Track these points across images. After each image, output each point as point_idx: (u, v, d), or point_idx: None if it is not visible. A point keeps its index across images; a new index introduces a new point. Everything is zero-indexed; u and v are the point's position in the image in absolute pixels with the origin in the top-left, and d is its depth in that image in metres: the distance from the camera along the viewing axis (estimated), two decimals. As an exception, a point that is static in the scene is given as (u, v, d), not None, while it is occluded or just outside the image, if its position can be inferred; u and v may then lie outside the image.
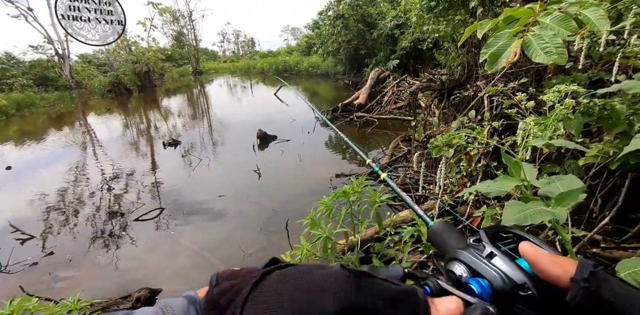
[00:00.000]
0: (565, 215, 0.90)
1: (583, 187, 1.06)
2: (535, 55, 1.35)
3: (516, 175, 1.08)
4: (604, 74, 2.27)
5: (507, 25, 1.58)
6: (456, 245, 0.42)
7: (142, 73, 20.45)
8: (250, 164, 5.28)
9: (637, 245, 2.05)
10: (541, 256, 0.34)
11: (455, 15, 3.85)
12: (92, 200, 4.60)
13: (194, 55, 32.97)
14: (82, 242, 3.54)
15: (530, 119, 1.31)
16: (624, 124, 1.60)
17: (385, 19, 12.65)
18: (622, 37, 1.98)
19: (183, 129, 8.96)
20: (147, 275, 2.93)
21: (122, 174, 5.57)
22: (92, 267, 3.11)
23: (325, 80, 18.78)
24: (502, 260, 0.35)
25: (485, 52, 1.50)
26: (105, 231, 3.74)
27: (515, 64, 3.24)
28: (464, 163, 2.09)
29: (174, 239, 3.48)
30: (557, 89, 1.41)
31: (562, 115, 1.39)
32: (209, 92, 19.71)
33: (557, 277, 0.32)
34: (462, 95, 3.26)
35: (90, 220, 4.02)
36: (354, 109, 7.83)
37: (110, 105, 14.45)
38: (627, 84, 1.28)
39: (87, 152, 7.27)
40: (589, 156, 1.89)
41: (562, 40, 1.37)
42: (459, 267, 0.38)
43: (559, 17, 1.44)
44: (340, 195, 1.47)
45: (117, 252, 3.33)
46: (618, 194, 2.08)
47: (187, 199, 4.40)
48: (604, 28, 1.44)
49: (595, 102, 1.61)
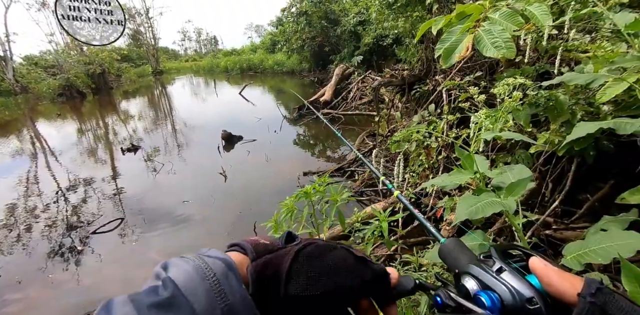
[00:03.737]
0: (514, 205, 0.92)
1: (531, 176, 1.10)
2: (485, 49, 1.39)
3: (469, 167, 1.10)
4: (550, 66, 2.40)
5: (460, 21, 1.61)
6: (467, 261, 0.43)
7: (96, 75, 19.27)
8: (215, 167, 5.12)
9: (584, 224, 2.20)
10: (550, 271, 0.35)
11: (414, 12, 3.92)
12: (45, 214, 4.26)
13: (153, 54, 31.53)
14: (34, 260, 3.26)
15: (482, 112, 1.34)
16: (567, 113, 1.70)
17: (348, 16, 12.73)
18: (564, 32, 2.09)
19: (144, 132, 8.53)
20: (108, 291, 2.75)
21: (78, 183, 5.20)
22: (46, 287, 2.87)
23: (291, 77, 18.64)
24: (511, 274, 0.37)
25: (439, 48, 1.52)
26: (61, 247, 3.46)
27: (471, 58, 3.36)
28: (422, 157, 2.13)
29: (136, 250, 3.29)
30: (506, 82, 1.45)
31: (512, 107, 1.44)
32: (171, 93, 18.93)
33: (564, 292, 0.33)
34: (422, 89, 3.34)
35: (43, 236, 3.71)
36: (320, 106, 7.82)
37: (61, 111, 13.45)
38: (568, 76, 1.34)
39: (38, 162, 6.72)
40: (538, 144, 1.99)
41: (511, 35, 1.41)
42: (469, 280, 0.39)
43: (507, 12, 1.49)
44: (302, 196, 1.44)
45: (74, 268, 3.09)
46: (566, 178, 2.22)
47: (149, 206, 4.19)
48: (547, 23, 1.51)
49: (542, 93, 1.69)
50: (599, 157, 1.86)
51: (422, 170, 2.62)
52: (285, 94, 13.70)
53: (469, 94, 1.73)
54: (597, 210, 2.15)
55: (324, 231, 1.42)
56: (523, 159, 1.88)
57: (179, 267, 0.32)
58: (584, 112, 1.67)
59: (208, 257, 0.34)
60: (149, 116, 11.38)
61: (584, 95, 1.76)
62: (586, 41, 2.16)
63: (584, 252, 0.92)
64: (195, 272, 0.31)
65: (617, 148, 1.82)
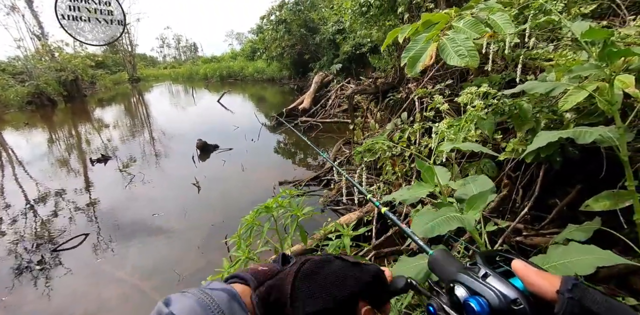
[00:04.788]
0: (473, 220, 0.88)
1: (493, 188, 1.06)
2: (449, 58, 1.37)
3: (430, 180, 1.05)
4: (517, 74, 2.43)
5: (426, 29, 1.60)
6: (454, 269, 0.45)
7: (69, 82, 18.54)
8: (189, 177, 4.94)
9: (554, 230, 2.20)
10: (530, 271, 0.38)
11: (386, 21, 3.96)
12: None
13: (130, 61, 30.79)
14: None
15: (445, 122, 1.31)
16: (532, 121, 1.70)
17: (327, 24, 12.84)
18: (526, 41, 2.12)
19: (117, 142, 8.20)
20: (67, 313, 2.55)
21: (40, 198, 4.90)
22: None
23: (271, 85, 18.58)
24: (496, 278, 0.39)
25: (405, 56, 1.49)
26: (12, 268, 3.20)
27: (442, 66, 3.40)
28: (388, 167, 2.10)
29: (99, 268, 3.09)
30: (469, 91, 1.43)
31: (475, 116, 1.41)
32: (148, 100, 18.45)
33: (544, 290, 0.36)
34: (395, 97, 3.34)
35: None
36: (299, 114, 7.77)
37: (30, 120, 12.83)
38: (529, 84, 1.34)
39: (1, 173, 6.32)
40: (507, 152, 1.99)
41: (473, 43, 1.40)
42: (458, 288, 0.41)
43: (471, 21, 1.48)
44: (262, 211, 1.36)
45: (27, 291, 2.86)
46: (534, 184, 2.23)
47: (116, 221, 3.96)
48: (509, 31, 1.51)
49: (506, 101, 1.69)
50: (566, 163, 1.88)
51: (395, 178, 2.58)
52: (265, 102, 13.60)
53: (435, 102, 1.71)
54: (566, 215, 2.17)
55: (284, 247, 1.34)
56: (488, 168, 1.86)
57: (181, 302, 0.32)
58: (547, 120, 1.68)
59: (210, 290, 0.35)
60: (124, 125, 11.00)
61: (547, 103, 1.77)
62: (549, 50, 2.20)
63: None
64: (199, 306, 0.32)
65: (582, 153, 1.84)
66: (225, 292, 0.34)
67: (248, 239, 1.28)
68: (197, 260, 2.98)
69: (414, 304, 1.82)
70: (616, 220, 1.44)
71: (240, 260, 1.22)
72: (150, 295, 2.66)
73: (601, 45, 1.05)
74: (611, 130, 1.16)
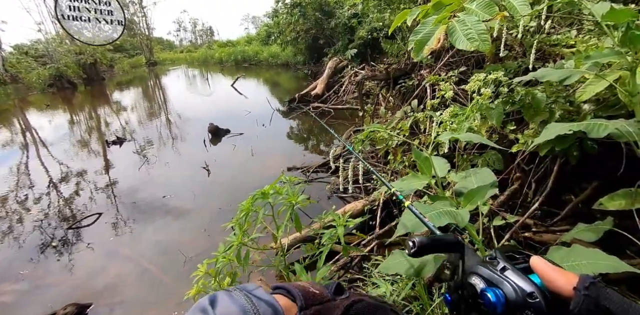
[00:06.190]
0: (467, 216, 0.83)
1: (494, 182, 1.01)
2: (458, 41, 1.28)
3: (426, 171, 1.01)
4: (535, 62, 2.29)
5: (436, 11, 1.50)
6: (473, 262, 0.46)
7: (88, 65, 18.85)
8: (200, 161, 5.01)
9: (565, 227, 2.12)
10: (549, 268, 0.39)
11: (400, 3, 3.79)
12: (19, 208, 4.15)
13: (147, 45, 30.96)
14: (4, 256, 3.17)
15: (448, 111, 1.24)
16: (545, 112, 1.60)
17: (342, 8, 12.47)
18: (545, 25, 1.99)
19: (132, 125, 8.36)
20: (76, 289, 2.67)
21: (57, 177, 5.08)
22: (14, 285, 2.79)
23: (285, 70, 18.38)
24: (514, 272, 0.40)
25: (412, 40, 1.41)
26: (31, 243, 3.36)
27: (458, 52, 3.24)
28: (390, 156, 2.05)
29: (110, 247, 3.21)
30: (477, 78, 1.35)
31: (483, 105, 1.34)
32: (164, 84, 18.63)
33: (561, 287, 0.36)
34: (407, 84, 3.23)
35: (14, 232, 3.61)
36: (311, 100, 7.68)
37: (51, 101, 13.20)
38: (542, 72, 1.25)
39: (23, 153, 6.56)
40: (520, 144, 1.90)
41: (488, 26, 1.30)
42: (476, 279, 0.43)
43: (484, 2, 1.37)
44: (259, 197, 1.35)
45: (43, 265, 3.00)
46: (548, 179, 2.14)
47: (128, 201, 4.08)
48: (524, 12, 1.40)
49: (518, 90, 1.59)
50: (585, 158, 1.77)
51: (403, 167, 2.53)
52: (278, 87, 13.51)
53: (444, 90, 1.63)
54: (580, 212, 2.07)
55: (278, 234, 1.34)
56: (494, 161, 1.78)
57: (227, 306, 0.33)
58: (563, 111, 1.58)
59: (255, 298, 0.35)
60: (139, 108, 11.19)
61: (564, 93, 1.66)
62: (572, 35, 2.05)
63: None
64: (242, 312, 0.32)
65: (603, 148, 1.73)
66: (270, 308, 0.35)
67: (244, 224, 1.28)
68: (203, 243, 3.05)
69: (413, 296, 1.81)
70: (632, 221, 1.36)
71: (232, 245, 1.22)
72: (156, 274, 2.75)
73: (624, 29, 0.95)
74: (630, 124, 1.07)
